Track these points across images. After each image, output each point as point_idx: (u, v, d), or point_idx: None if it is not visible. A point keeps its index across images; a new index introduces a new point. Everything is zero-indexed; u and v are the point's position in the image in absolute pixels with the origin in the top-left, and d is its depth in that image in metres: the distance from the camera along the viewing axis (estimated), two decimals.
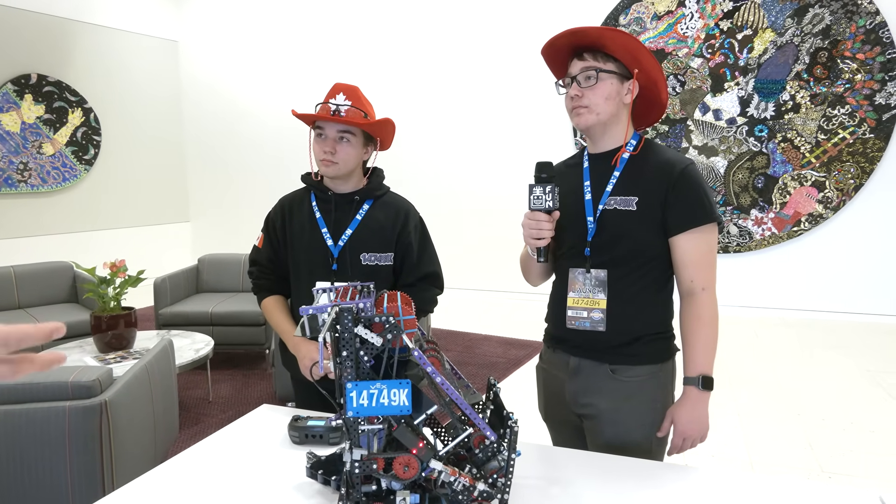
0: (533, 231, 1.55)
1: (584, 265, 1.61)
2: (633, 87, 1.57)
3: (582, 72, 1.55)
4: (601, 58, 1.55)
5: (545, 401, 1.80)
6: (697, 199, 1.53)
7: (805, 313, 5.98)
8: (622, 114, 1.59)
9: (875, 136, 5.56)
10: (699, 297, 1.55)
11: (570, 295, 1.63)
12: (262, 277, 2.04)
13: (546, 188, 1.53)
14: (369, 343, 1.08)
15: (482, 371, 4.67)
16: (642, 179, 1.57)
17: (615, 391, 1.60)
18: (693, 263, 1.55)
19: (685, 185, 1.53)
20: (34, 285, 5.02)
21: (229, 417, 3.79)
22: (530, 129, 6.87)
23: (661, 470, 1.38)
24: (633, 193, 1.57)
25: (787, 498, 1.25)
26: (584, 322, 1.61)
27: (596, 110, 1.56)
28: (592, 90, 1.55)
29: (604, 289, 1.59)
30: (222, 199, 8.84)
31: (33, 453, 2.13)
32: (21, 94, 6.99)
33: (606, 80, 1.54)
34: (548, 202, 1.53)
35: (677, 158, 1.58)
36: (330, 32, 7.74)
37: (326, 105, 1.85)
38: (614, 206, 1.58)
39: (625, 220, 1.57)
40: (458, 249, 6.91)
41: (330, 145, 1.85)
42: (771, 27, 5.82)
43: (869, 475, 3.03)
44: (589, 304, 1.61)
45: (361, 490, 1.11)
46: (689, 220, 1.54)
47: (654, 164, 1.58)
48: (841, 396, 4.01)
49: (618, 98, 1.56)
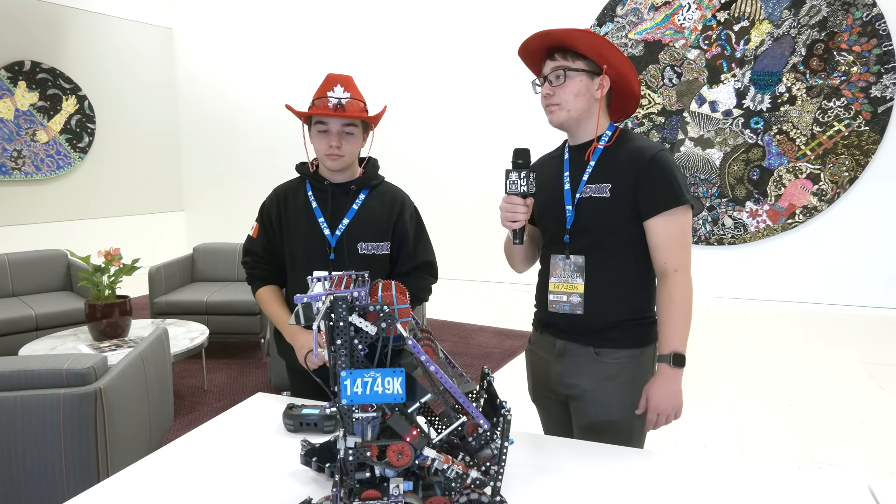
0: (508, 214, 1.61)
1: (563, 251, 1.69)
2: (604, 82, 1.63)
3: (552, 71, 1.64)
4: (570, 57, 1.62)
5: (533, 382, 1.87)
6: (667, 183, 1.59)
7: (798, 305, 6.01)
8: (593, 108, 1.66)
9: (870, 128, 5.57)
10: (672, 277, 1.60)
11: (551, 280, 1.71)
12: (256, 267, 2.03)
13: (521, 173, 1.58)
14: (364, 332, 1.08)
15: (477, 361, 4.69)
16: (615, 167, 1.64)
17: (598, 372, 1.66)
18: (665, 246, 1.61)
19: (655, 170, 1.59)
20: (28, 273, 5.00)
21: (224, 406, 3.79)
22: (524, 120, 6.85)
23: (653, 458, 1.39)
24: (606, 181, 1.63)
25: (778, 487, 1.26)
26: (564, 306, 1.69)
27: (566, 107, 1.64)
28: (562, 88, 1.63)
29: (581, 274, 1.66)
30: (217, 188, 8.81)
31: (28, 441, 2.13)
32: (15, 80, 6.94)
33: (575, 78, 1.62)
34: (522, 187, 1.58)
35: (649, 145, 1.64)
36: (325, 22, 7.70)
37: (326, 99, 1.83)
38: (589, 194, 1.65)
39: (599, 207, 1.63)
40: (453, 240, 6.92)
41: (336, 139, 1.85)
42: (768, 19, 5.81)
43: (859, 465, 3.06)
44: (568, 288, 1.68)
45: (355, 477, 1.12)
46: (659, 203, 1.59)
47: (626, 151, 1.64)
48: (832, 387, 4.04)
49: (588, 94, 1.63)
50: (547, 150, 1.89)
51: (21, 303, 4.66)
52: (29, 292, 4.98)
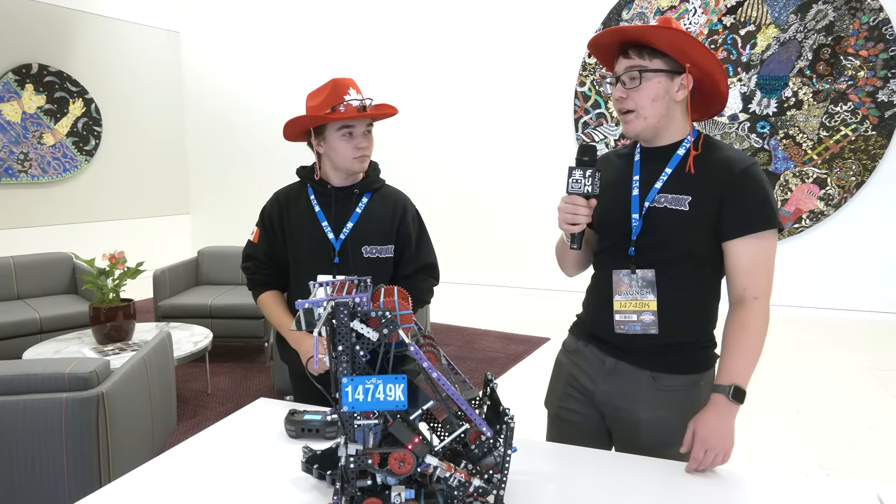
0: (568, 216, 1.45)
1: (628, 265, 1.53)
2: (687, 82, 1.46)
3: (626, 71, 1.46)
4: (647, 55, 1.44)
5: (561, 394, 1.70)
6: (758, 203, 1.43)
7: (805, 310, 5.97)
8: (674, 111, 1.50)
9: (877, 133, 5.54)
10: (750, 305, 1.45)
11: (616, 298, 1.54)
12: (258, 272, 2.02)
13: (586, 172, 1.44)
14: (365, 338, 1.07)
15: (481, 366, 4.67)
16: (697, 177, 1.47)
17: (656, 400, 1.53)
18: (747, 272, 1.45)
19: (745, 186, 1.43)
20: (33, 276, 5.01)
21: (227, 410, 3.79)
22: (531, 124, 6.85)
23: (658, 465, 1.38)
24: (685, 192, 1.47)
25: (785, 494, 1.24)
26: (635, 325, 1.52)
27: (643, 114, 1.47)
28: (637, 92, 1.46)
29: (652, 289, 1.50)
30: (223, 192, 8.83)
31: (30, 445, 2.13)
32: (22, 83, 6.97)
33: (653, 80, 1.45)
34: (587, 186, 1.43)
35: (739, 157, 1.48)
36: (331, 24, 7.71)
37: (342, 104, 1.80)
38: (664, 205, 1.49)
39: (674, 221, 1.48)
40: (458, 244, 6.91)
41: (363, 141, 1.86)
42: (774, 23, 5.79)
43: (867, 472, 3.03)
44: (638, 306, 1.52)
45: (356, 485, 1.11)
46: (746, 224, 1.43)
47: (712, 161, 1.48)
48: (840, 393, 4.01)
49: (667, 97, 1.46)
50: (548, 155, 1.83)
51: (26, 305, 4.67)
52: (34, 295, 4.99)
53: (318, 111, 1.83)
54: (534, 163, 6.80)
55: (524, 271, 6.89)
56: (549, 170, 6.56)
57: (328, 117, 1.81)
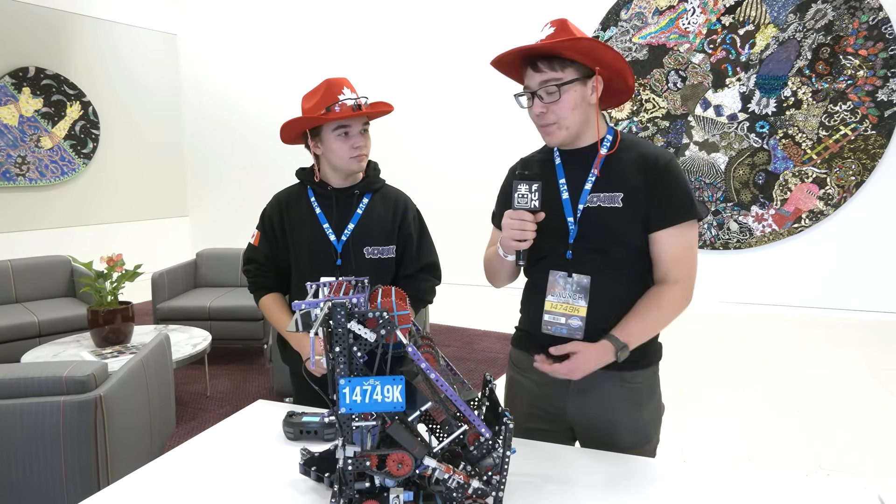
0: (515, 232, 1.43)
1: (565, 268, 1.53)
2: (598, 84, 1.48)
3: (541, 86, 1.46)
4: (558, 66, 1.44)
5: (525, 414, 1.63)
6: (682, 195, 1.49)
7: (805, 310, 5.96)
8: (591, 114, 1.50)
9: (877, 132, 5.54)
10: (670, 285, 1.49)
11: (548, 298, 1.54)
12: (259, 275, 2.01)
13: (532, 186, 1.43)
14: (363, 339, 1.06)
15: (481, 367, 4.66)
16: (625, 174, 1.50)
17: (628, 399, 1.53)
18: (672, 260, 1.49)
19: (671, 179, 1.48)
20: (31, 279, 5.00)
21: (227, 412, 3.78)
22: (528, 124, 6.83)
23: (657, 466, 1.37)
24: (617, 189, 1.49)
25: (785, 494, 1.24)
26: (561, 328, 1.52)
27: (565, 124, 1.48)
28: (557, 104, 1.45)
29: (585, 295, 1.50)
30: (221, 194, 8.82)
31: (28, 448, 2.12)
32: (19, 87, 6.97)
33: (569, 91, 1.45)
34: (534, 201, 1.43)
35: (658, 151, 1.53)
36: (328, 25, 7.71)
37: (338, 104, 1.79)
38: (598, 204, 1.50)
39: (611, 217, 1.49)
40: (457, 244, 6.89)
41: (360, 140, 1.85)
42: (773, 23, 5.79)
43: (867, 472, 3.02)
44: (568, 310, 1.51)
45: (354, 487, 1.10)
46: (673, 215, 1.48)
47: (635, 157, 1.51)
48: (840, 393, 4.00)
49: (584, 103, 1.47)
50: None
51: (24, 309, 4.66)
52: (32, 298, 4.98)
53: (313, 112, 1.82)
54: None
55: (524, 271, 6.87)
56: None
57: (323, 118, 1.80)
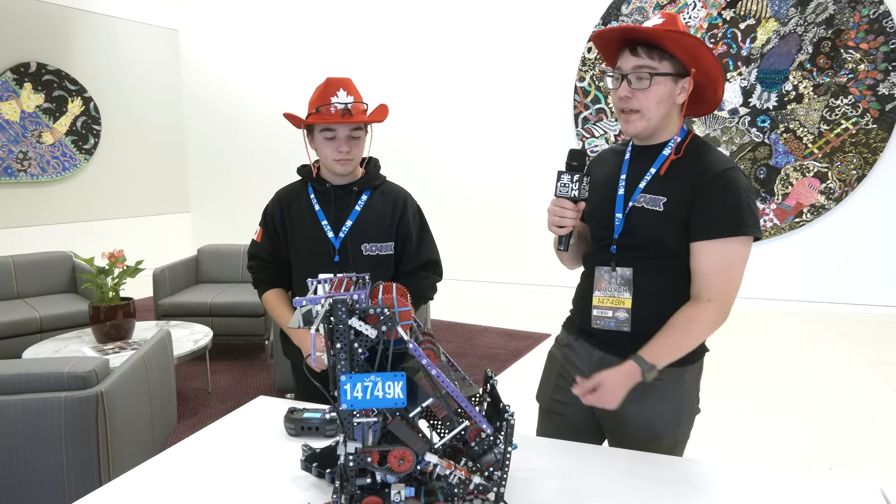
0: (556, 218, 1.50)
1: (609, 263, 1.55)
2: (689, 86, 1.46)
3: (634, 70, 1.44)
4: (656, 56, 1.42)
5: (553, 386, 1.71)
6: (727, 208, 1.43)
7: (806, 304, 5.96)
8: (673, 113, 1.50)
9: (878, 126, 5.52)
10: (703, 304, 1.45)
11: (595, 294, 1.57)
12: (261, 271, 2.03)
13: (574, 176, 1.48)
14: (364, 335, 1.06)
15: (482, 363, 4.67)
16: (675, 179, 1.48)
17: (644, 392, 1.51)
18: (706, 275, 1.45)
19: (715, 190, 1.43)
20: (33, 275, 5.00)
21: (228, 408, 3.78)
22: (532, 120, 6.83)
23: (659, 461, 1.37)
24: (662, 193, 1.48)
25: (788, 489, 1.24)
26: (609, 322, 1.55)
27: (647, 115, 1.46)
28: (644, 93, 1.44)
29: (629, 287, 1.52)
30: (222, 190, 8.81)
31: (29, 444, 2.12)
32: (20, 82, 6.95)
33: (660, 83, 1.43)
34: (574, 191, 1.48)
35: (718, 161, 1.47)
36: (330, 22, 7.69)
37: (331, 105, 1.79)
38: (643, 205, 1.50)
39: (651, 221, 1.49)
40: (459, 240, 6.90)
41: (344, 145, 1.84)
42: (774, 16, 5.77)
43: (870, 467, 3.02)
44: (614, 303, 1.55)
45: (356, 483, 1.10)
46: (711, 228, 1.43)
47: (691, 163, 1.48)
48: (842, 388, 4.00)
49: (670, 100, 1.46)
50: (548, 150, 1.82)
51: (26, 305, 4.66)
52: (33, 294, 4.98)
53: (310, 109, 1.84)
54: (534, 158, 6.78)
55: (525, 267, 6.88)
56: (550, 165, 6.53)
57: (307, 121, 1.83)
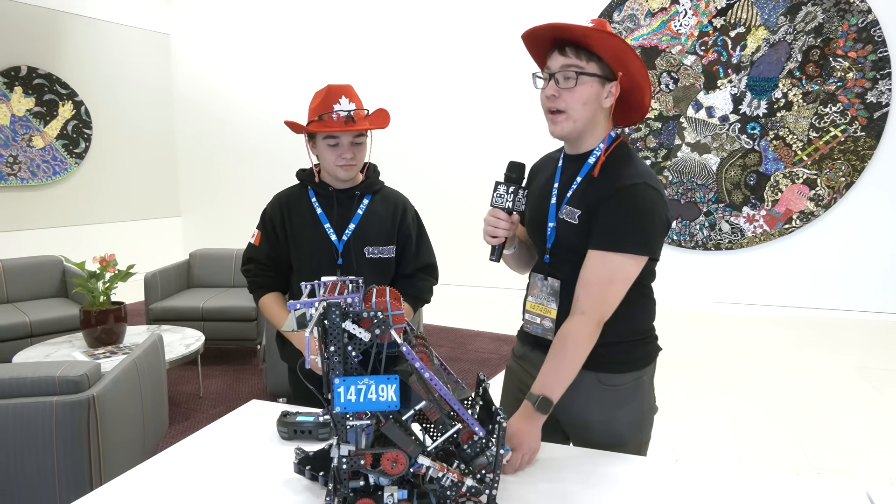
0: (489, 228, 1.53)
1: (543, 271, 1.57)
2: (615, 91, 1.45)
3: (561, 70, 1.43)
4: (584, 56, 1.42)
5: (514, 401, 1.60)
6: (617, 222, 1.41)
7: (795, 310, 6.00)
8: (600, 117, 1.49)
9: (866, 134, 5.58)
10: (575, 318, 1.42)
11: (528, 299, 1.62)
12: (259, 275, 2.03)
13: (510, 188, 1.50)
14: (357, 338, 1.07)
15: (475, 367, 4.67)
16: (590, 192, 1.47)
17: (605, 400, 1.53)
18: (585, 284, 1.43)
19: (613, 203, 1.42)
20: (23, 280, 4.98)
21: (220, 413, 3.77)
22: (525, 125, 6.85)
23: (649, 465, 1.38)
24: (578, 206, 1.48)
25: (776, 493, 1.25)
26: (537, 328, 1.58)
27: (573, 116, 1.45)
28: (570, 93, 1.43)
29: (556, 298, 1.53)
30: (214, 194, 8.79)
31: (20, 448, 2.11)
32: (11, 86, 6.93)
33: (587, 83, 1.42)
34: (508, 202, 1.50)
35: (628, 174, 1.45)
36: (322, 26, 7.70)
37: (334, 113, 1.81)
38: (563, 217, 1.51)
39: (569, 232, 1.50)
40: (450, 245, 6.89)
41: (348, 151, 1.86)
42: (764, 25, 5.83)
43: (857, 471, 3.05)
44: (542, 311, 1.56)
45: (349, 486, 1.11)
46: (599, 238, 1.42)
47: (606, 175, 1.47)
48: (830, 392, 4.03)
49: (596, 102, 1.45)
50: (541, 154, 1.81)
51: (16, 309, 4.63)
52: (24, 299, 4.95)
53: (312, 116, 1.85)
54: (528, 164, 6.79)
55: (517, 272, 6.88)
56: None
57: (309, 128, 1.84)
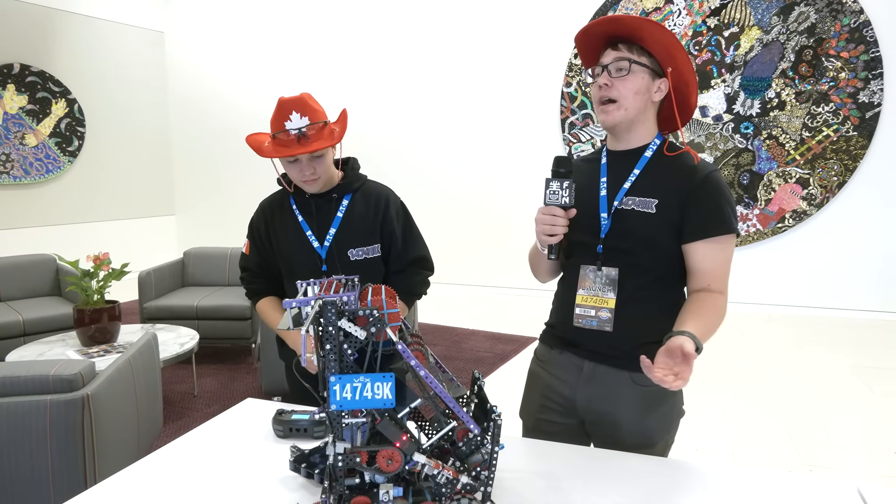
0: (546, 227, 1.50)
1: (595, 262, 1.56)
2: (664, 86, 1.51)
3: (614, 61, 1.49)
4: (636, 50, 1.49)
5: (539, 406, 1.68)
6: (718, 208, 1.48)
7: (788, 309, 6.03)
8: (649, 111, 1.54)
9: (858, 133, 5.61)
10: (716, 295, 1.49)
11: (579, 292, 1.57)
12: (253, 282, 2.04)
13: (563, 183, 1.48)
14: (353, 336, 1.07)
15: (469, 366, 4.68)
16: (663, 181, 1.51)
17: (637, 400, 1.53)
18: (709, 272, 1.49)
19: (706, 192, 1.48)
20: (16, 278, 4.96)
21: (214, 412, 3.77)
22: (518, 124, 6.87)
23: (644, 462, 1.39)
24: (652, 195, 1.51)
25: (769, 490, 1.26)
26: (591, 321, 1.55)
27: (624, 105, 1.49)
28: (622, 81, 1.48)
29: (613, 288, 1.53)
30: (208, 193, 8.77)
31: (14, 447, 2.11)
32: (3, 83, 6.89)
33: (638, 74, 1.48)
34: (564, 198, 1.48)
35: (702, 163, 1.52)
36: (315, 23, 7.69)
37: (286, 133, 1.74)
38: (632, 207, 1.52)
39: (642, 222, 1.51)
40: (446, 244, 6.91)
41: (307, 168, 1.79)
42: (757, 25, 5.85)
43: (848, 468, 3.07)
44: (597, 302, 1.55)
45: (344, 483, 1.11)
46: (708, 228, 1.48)
47: (677, 166, 1.52)
48: (824, 391, 4.05)
49: (647, 94, 1.50)
50: (534, 155, 1.82)
51: (9, 308, 4.61)
52: (17, 297, 4.93)
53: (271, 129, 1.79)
54: (521, 163, 6.82)
55: (512, 271, 6.90)
56: (536, 169, 6.58)
57: (264, 153, 1.78)
